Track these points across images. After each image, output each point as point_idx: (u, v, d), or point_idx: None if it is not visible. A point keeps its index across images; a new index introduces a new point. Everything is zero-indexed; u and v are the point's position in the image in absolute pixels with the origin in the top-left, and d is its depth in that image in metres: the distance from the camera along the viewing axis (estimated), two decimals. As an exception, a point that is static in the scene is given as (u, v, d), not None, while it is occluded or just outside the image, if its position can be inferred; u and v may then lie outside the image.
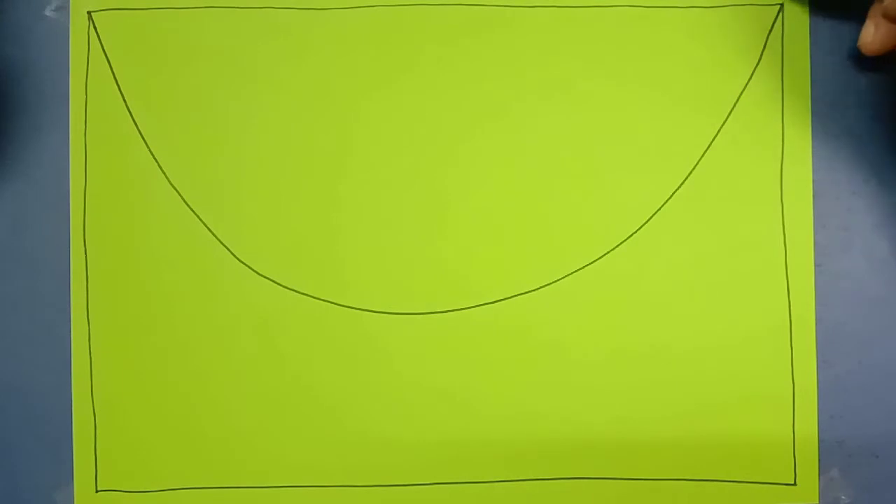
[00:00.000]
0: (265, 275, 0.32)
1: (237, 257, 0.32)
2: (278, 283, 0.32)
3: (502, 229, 0.32)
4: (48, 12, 0.32)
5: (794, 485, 0.32)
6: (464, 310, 0.32)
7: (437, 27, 0.32)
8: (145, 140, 0.32)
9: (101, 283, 0.32)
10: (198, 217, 0.32)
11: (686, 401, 0.32)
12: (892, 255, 0.32)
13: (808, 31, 0.32)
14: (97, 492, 0.32)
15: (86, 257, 0.32)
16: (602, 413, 0.32)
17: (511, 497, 0.32)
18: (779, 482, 0.32)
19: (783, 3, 0.32)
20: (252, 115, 0.32)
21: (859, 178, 0.32)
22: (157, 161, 0.32)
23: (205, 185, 0.32)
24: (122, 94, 0.32)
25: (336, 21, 0.32)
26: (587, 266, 0.32)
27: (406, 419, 0.32)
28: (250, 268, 0.32)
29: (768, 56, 0.32)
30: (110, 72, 0.32)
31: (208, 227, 0.32)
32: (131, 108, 0.32)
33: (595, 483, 0.32)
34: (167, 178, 0.32)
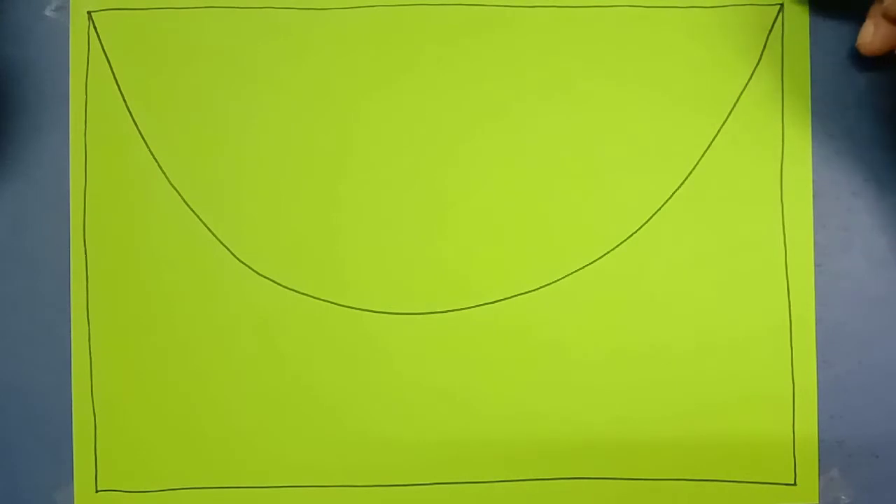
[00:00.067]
0: (265, 275, 0.32)
1: (237, 257, 0.32)
2: (278, 283, 0.32)
3: (502, 229, 0.32)
4: (48, 12, 0.32)
5: (794, 485, 0.32)
6: (464, 310, 0.32)
7: (437, 27, 0.32)
8: (145, 140, 0.32)
9: (101, 283, 0.32)
10: (198, 217, 0.32)
11: (686, 401, 0.32)
12: (892, 255, 0.32)
13: (808, 31, 0.32)
14: (97, 492, 0.32)
15: (86, 257, 0.32)
16: (602, 413, 0.32)
17: (511, 497, 0.32)
18: (779, 482, 0.32)
19: (783, 3, 0.32)
20: (252, 116, 0.32)
21: (859, 178, 0.32)
22: (157, 161, 0.32)
23: (205, 185, 0.32)
24: (122, 94, 0.32)
25: (336, 21, 0.32)
26: (587, 266, 0.32)
27: (406, 419, 0.32)
28: (250, 268, 0.32)
29: (768, 56, 0.32)
30: (110, 72, 0.32)
31: (208, 227, 0.32)
32: (131, 108, 0.32)
33: (595, 483, 0.32)
34: (167, 178, 0.32)
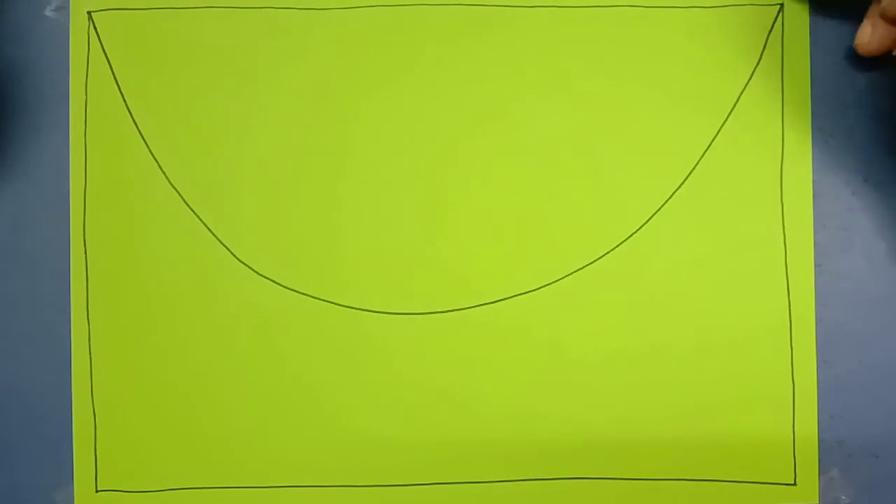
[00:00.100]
0: (265, 275, 0.32)
1: (237, 257, 0.32)
2: (278, 283, 0.32)
3: (502, 229, 0.32)
4: (48, 12, 0.32)
5: (794, 485, 0.32)
6: (464, 310, 0.32)
7: (437, 27, 0.32)
8: (145, 140, 0.32)
9: (101, 283, 0.32)
10: (198, 217, 0.32)
11: (686, 401, 0.32)
12: (892, 255, 0.32)
13: (808, 31, 0.32)
14: (97, 492, 0.32)
15: (86, 257, 0.32)
16: (602, 413, 0.32)
17: (511, 497, 0.32)
18: (779, 482, 0.32)
19: (783, 3, 0.32)
20: (252, 115, 0.32)
21: (859, 178, 0.32)
22: (157, 161, 0.32)
23: (205, 185, 0.32)
24: (122, 94, 0.32)
25: (336, 21, 0.32)
26: (587, 266, 0.32)
27: (406, 419, 0.32)
28: (250, 268, 0.32)
29: (768, 56, 0.32)
30: (110, 72, 0.32)
31: (208, 227, 0.32)
32: (131, 108, 0.32)
33: (595, 483, 0.32)
34: (167, 178, 0.32)
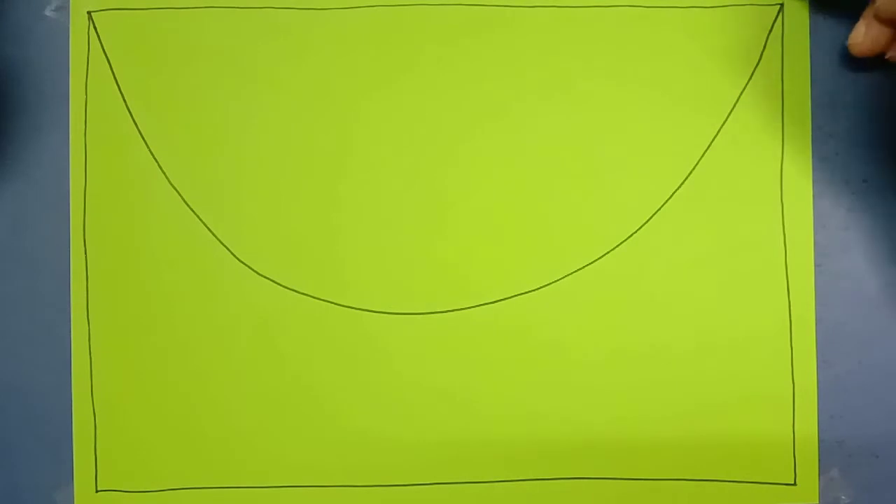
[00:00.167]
0: (265, 275, 0.32)
1: (237, 257, 0.32)
2: (278, 283, 0.32)
3: (502, 229, 0.32)
4: (48, 12, 0.32)
5: (794, 485, 0.32)
6: (464, 310, 0.32)
7: (437, 27, 0.32)
8: (145, 140, 0.32)
9: (101, 283, 0.32)
10: (198, 217, 0.32)
11: (686, 401, 0.32)
12: (892, 255, 0.32)
13: (808, 31, 0.32)
14: (97, 492, 0.32)
15: (86, 257, 0.32)
16: (602, 413, 0.32)
17: (511, 497, 0.32)
18: (779, 482, 0.32)
19: (783, 3, 0.32)
20: (252, 115, 0.32)
21: (859, 178, 0.32)
22: (157, 161, 0.32)
23: (205, 185, 0.32)
24: (122, 94, 0.32)
25: (336, 21, 0.32)
26: (587, 266, 0.32)
27: (406, 419, 0.32)
28: (250, 268, 0.32)
29: (768, 56, 0.32)
30: (110, 72, 0.32)
31: (208, 227, 0.32)
32: (131, 108, 0.32)
33: (595, 483, 0.32)
34: (167, 178, 0.32)
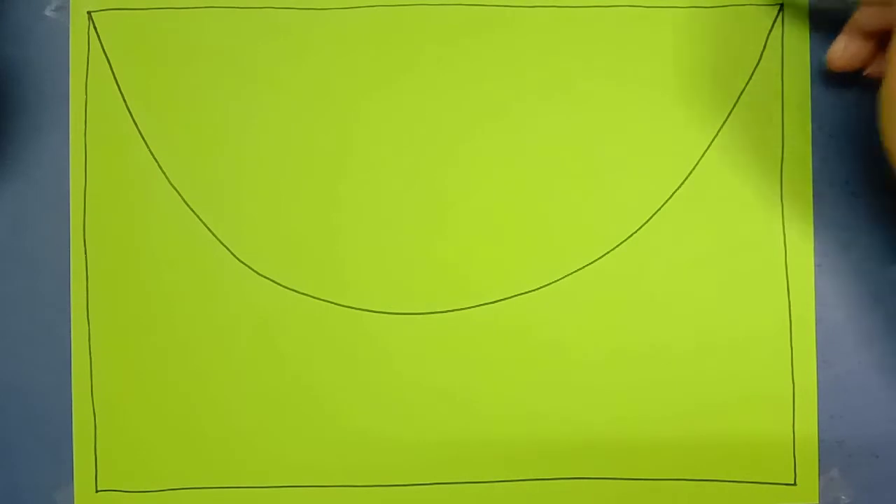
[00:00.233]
0: (265, 275, 0.32)
1: (237, 257, 0.32)
2: (278, 283, 0.32)
3: (502, 229, 0.32)
4: (48, 12, 0.32)
5: (794, 485, 0.32)
6: (464, 310, 0.32)
7: (437, 27, 0.32)
8: (145, 140, 0.32)
9: (101, 283, 0.32)
10: (198, 217, 0.32)
11: (686, 401, 0.32)
12: (892, 255, 0.32)
13: (808, 31, 0.32)
14: (97, 492, 0.32)
15: (86, 257, 0.32)
16: (602, 413, 0.32)
17: (511, 497, 0.32)
18: (779, 482, 0.32)
19: (783, 3, 0.32)
20: (252, 115, 0.32)
21: (859, 178, 0.32)
22: (157, 161, 0.32)
23: (205, 185, 0.32)
24: (122, 94, 0.32)
25: (336, 21, 0.32)
26: (587, 266, 0.32)
27: (406, 419, 0.32)
28: (250, 268, 0.32)
29: (768, 56, 0.32)
30: (110, 72, 0.32)
31: (208, 227, 0.32)
32: (131, 108, 0.32)
33: (595, 483, 0.32)
34: (167, 178, 0.32)
